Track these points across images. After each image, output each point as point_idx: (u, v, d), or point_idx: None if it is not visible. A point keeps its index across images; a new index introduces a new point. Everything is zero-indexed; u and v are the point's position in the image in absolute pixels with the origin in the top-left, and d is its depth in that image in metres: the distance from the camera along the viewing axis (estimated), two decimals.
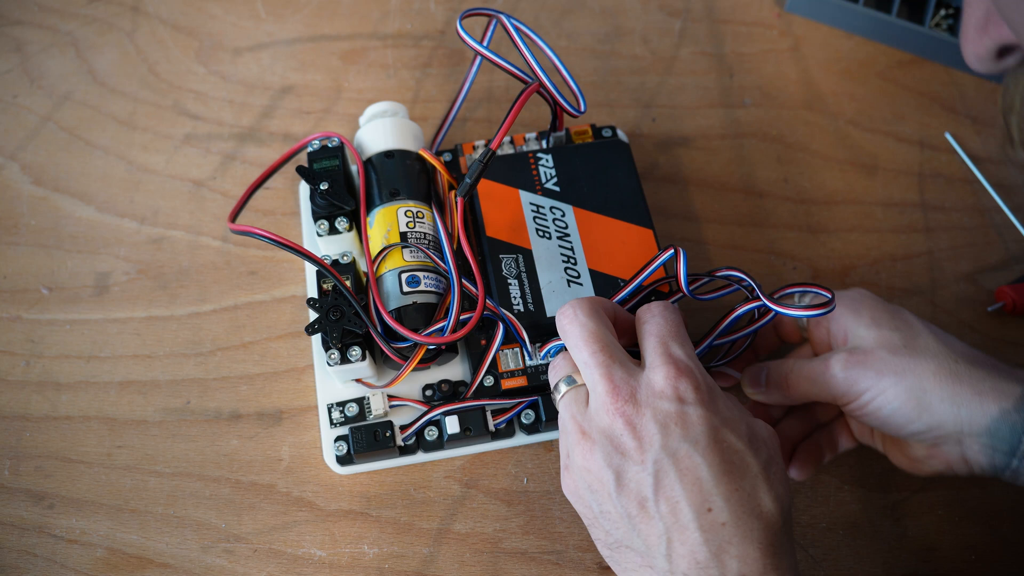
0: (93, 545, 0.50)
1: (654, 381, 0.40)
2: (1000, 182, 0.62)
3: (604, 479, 0.40)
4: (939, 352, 0.44)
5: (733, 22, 0.69)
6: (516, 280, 0.52)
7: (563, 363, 0.45)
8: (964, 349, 0.45)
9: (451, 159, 0.57)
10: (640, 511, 0.39)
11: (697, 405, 0.39)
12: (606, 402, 0.40)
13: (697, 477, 0.38)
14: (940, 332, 0.46)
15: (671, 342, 0.42)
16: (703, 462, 0.38)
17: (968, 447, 0.43)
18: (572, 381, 0.44)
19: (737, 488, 0.38)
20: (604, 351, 0.42)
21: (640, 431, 0.39)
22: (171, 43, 0.66)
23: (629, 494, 0.39)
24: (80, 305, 0.57)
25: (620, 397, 0.40)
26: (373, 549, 0.50)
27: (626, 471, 0.39)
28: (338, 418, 0.51)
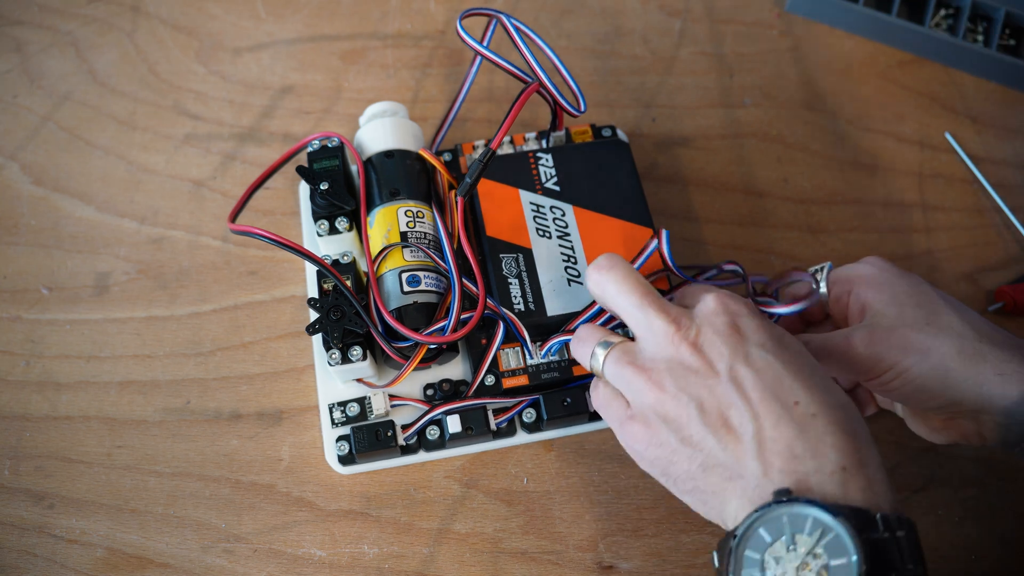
0: (93, 545, 0.50)
1: (706, 305, 0.41)
2: (1000, 182, 0.62)
3: (682, 404, 0.39)
4: (963, 331, 0.44)
5: (733, 22, 0.69)
6: (516, 279, 0.52)
7: (590, 333, 0.45)
8: (986, 327, 0.45)
9: (451, 159, 0.57)
10: (726, 420, 0.38)
11: (752, 316, 0.40)
12: (668, 333, 0.41)
13: (775, 374, 0.38)
14: (961, 306, 0.46)
15: (716, 290, 0.43)
16: (776, 360, 0.39)
17: (985, 423, 0.44)
18: (608, 344, 0.44)
19: (813, 383, 0.38)
20: (651, 294, 0.42)
21: (707, 349, 0.40)
22: (171, 43, 0.66)
23: (712, 409, 0.39)
24: (80, 305, 0.57)
25: (680, 325, 0.40)
26: (373, 549, 0.50)
27: (703, 389, 0.39)
28: (339, 418, 0.51)
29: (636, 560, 0.50)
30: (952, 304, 0.45)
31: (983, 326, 0.45)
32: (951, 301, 0.46)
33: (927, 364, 0.43)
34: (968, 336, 0.44)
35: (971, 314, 0.45)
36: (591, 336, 0.45)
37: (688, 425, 0.39)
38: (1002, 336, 0.44)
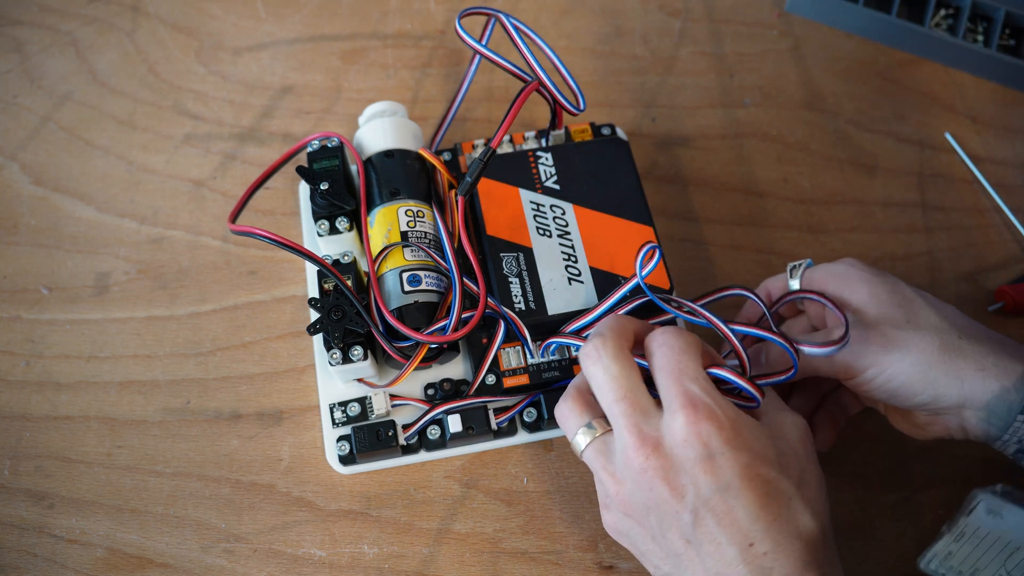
0: (93, 545, 0.50)
1: (675, 429, 0.40)
2: (1000, 182, 0.62)
3: (645, 523, 0.41)
4: (941, 327, 0.44)
5: (733, 22, 0.69)
6: (517, 278, 0.52)
7: (575, 408, 0.44)
8: (964, 322, 0.45)
9: (451, 158, 0.57)
10: (685, 549, 0.40)
11: (724, 447, 0.39)
12: (634, 456, 0.40)
13: (735, 519, 0.39)
14: (937, 303, 0.46)
15: (684, 378, 0.41)
16: (738, 503, 0.39)
17: (967, 419, 0.44)
18: (591, 429, 0.43)
19: (775, 517, 0.39)
20: (627, 399, 0.41)
21: (672, 481, 0.40)
22: (171, 43, 0.66)
23: (672, 536, 0.40)
24: (80, 305, 0.57)
25: (646, 450, 0.40)
26: (373, 549, 0.50)
27: (665, 516, 0.40)
28: (340, 418, 0.51)
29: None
30: (929, 301, 0.46)
31: (961, 321, 0.45)
32: (927, 298, 0.46)
33: (907, 362, 0.43)
34: (947, 332, 0.44)
35: (948, 309, 0.46)
36: (576, 415, 0.44)
37: (651, 541, 0.42)
38: (980, 330, 0.45)
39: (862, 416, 0.53)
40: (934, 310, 0.45)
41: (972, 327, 0.45)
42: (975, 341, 0.44)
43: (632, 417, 0.41)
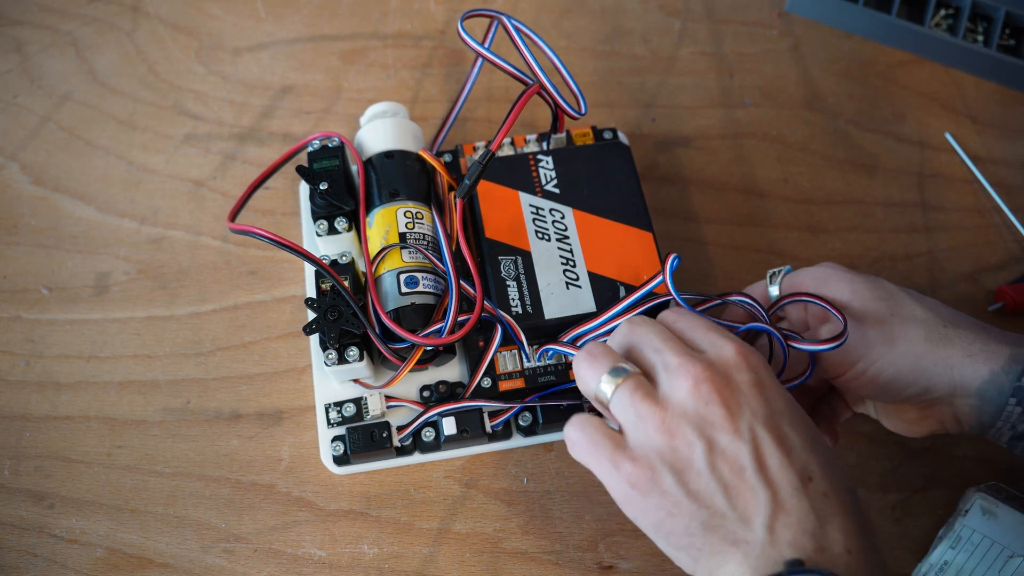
0: (93, 545, 0.50)
1: (725, 355, 0.39)
2: (1000, 182, 0.62)
3: (694, 454, 0.37)
4: (927, 318, 0.44)
5: (733, 22, 0.68)
6: (515, 282, 0.52)
7: (602, 353, 0.41)
8: (949, 312, 0.45)
9: (451, 160, 0.57)
10: (738, 480, 0.37)
11: (770, 379, 0.39)
12: (688, 370, 0.38)
13: (791, 446, 0.37)
14: (920, 296, 0.46)
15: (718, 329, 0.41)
16: (792, 432, 0.38)
17: (959, 407, 0.44)
18: (620, 372, 0.40)
19: (826, 460, 0.38)
20: (673, 339, 0.40)
21: (728, 400, 0.37)
22: (171, 43, 0.66)
23: (725, 463, 0.37)
24: (80, 305, 0.57)
25: (701, 364, 0.38)
26: (373, 549, 0.50)
27: (718, 441, 0.37)
28: (335, 418, 0.51)
29: (636, 560, 0.50)
30: (911, 294, 0.46)
31: (945, 311, 0.45)
32: (910, 292, 0.46)
33: (895, 353, 0.44)
34: (933, 322, 0.44)
35: (931, 302, 0.46)
36: (602, 358, 0.41)
37: (698, 477, 0.37)
38: (964, 319, 0.45)
39: (861, 418, 0.53)
40: (917, 303, 0.45)
41: (956, 316, 0.45)
42: (961, 328, 0.44)
43: (680, 346, 0.40)
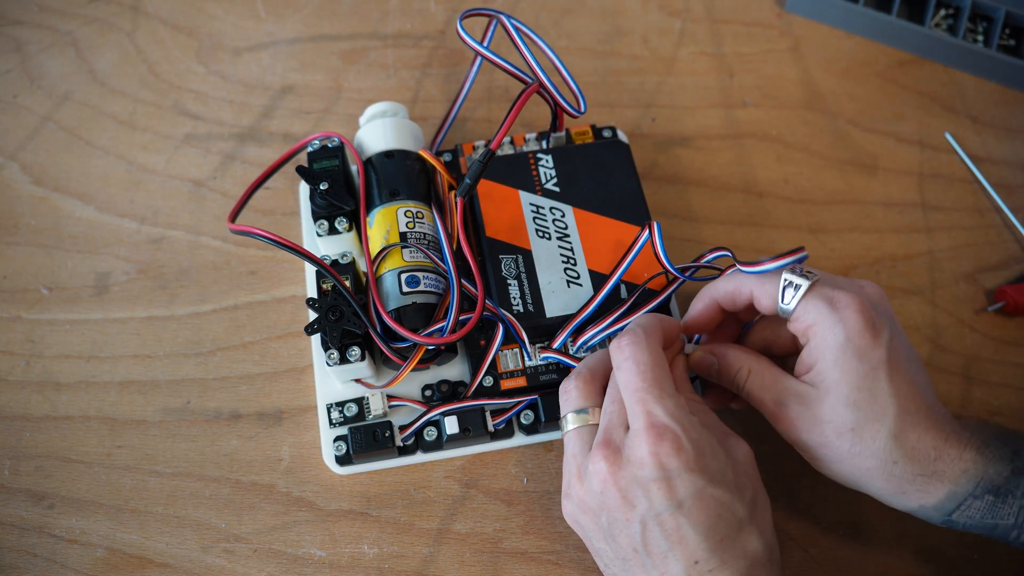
0: (93, 545, 0.50)
1: (636, 448, 0.40)
2: (1000, 182, 0.62)
3: (598, 521, 0.42)
4: (884, 448, 0.41)
5: (733, 22, 0.69)
6: (516, 280, 0.52)
7: (581, 388, 0.45)
8: (911, 417, 0.41)
9: (451, 159, 0.57)
10: (633, 556, 0.41)
11: (682, 470, 0.40)
12: (594, 456, 0.42)
13: (683, 536, 0.40)
14: (899, 380, 0.41)
15: (647, 397, 0.41)
16: (687, 522, 0.39)
17: None
18: (583, 414, 0.45)
19: (723, 538, 0.40)
20: (616, 401, 0.43)
21: (624, 491, 0.41)
22: (171, 43, 0.66)
23: (621, 542, 0.41)
24: (80, 305, 0.57)
25: (606, 453, 0.41)
26: (373, 549, 0.50)
27: (616, 522, 0.41)
28: (337, 418, 0.51)
29: None
30: (894, 377, 0.41)
31: (910, 416, 0.41)
32: (893, 370, 0.41)
33: (843, 466, 0.42)
34: (887, 455, 0.41)
35: (905, 388, 0.41)
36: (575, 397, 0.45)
37: (602, 541, 0.43)
38: (921, 445, 0.41)
39: None
40: (891, 420, 0.41)
41: (913, 443, 0.41)
42: (911, 461, 0.41)
43: (609, 422, 0.43)
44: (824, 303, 0.42)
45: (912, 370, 0.42)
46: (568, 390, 0.46)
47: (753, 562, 0.40)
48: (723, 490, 0.40)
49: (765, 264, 0.43)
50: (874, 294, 0.44)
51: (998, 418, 0.54)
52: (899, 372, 0.41)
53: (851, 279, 0.45)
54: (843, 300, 0.42)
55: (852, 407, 0.41)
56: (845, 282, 0.44)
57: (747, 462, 0.43)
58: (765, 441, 0.50)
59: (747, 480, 0.42)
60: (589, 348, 0.51)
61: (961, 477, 0.41)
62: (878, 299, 0.44)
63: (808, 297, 0.42)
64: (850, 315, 0.41)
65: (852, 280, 0.45)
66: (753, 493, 0.42)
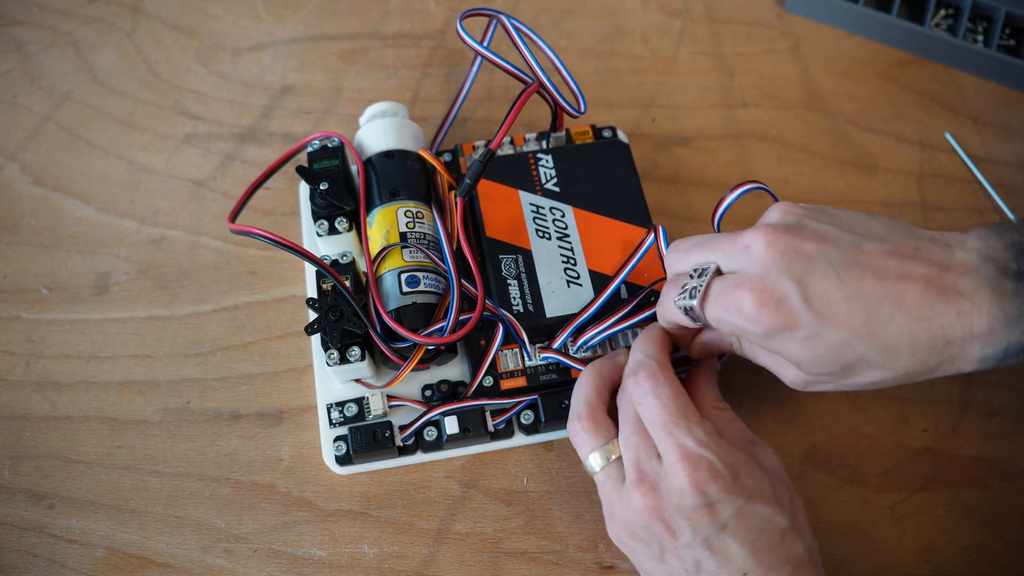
0: (93, 545, 0.50)
1: (674, 480, 0.41)
2: (1000, 182, 0.62)
3: (649, 549, 0.43)
4: (884, 370, 0.40)
5: (733, 22, 0.69)
6: (516, 280, 0.52)
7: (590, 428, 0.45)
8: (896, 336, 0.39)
9: (451, 159, 0.57)
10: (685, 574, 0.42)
11: (722, 494, 0.41)
12: (633, 492, 0.42)
13: (729, 554, 0.41)
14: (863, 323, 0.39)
15: (676, 430, 0.41)
16: (734, 541, 0.41)
17: None
18: (606, 450, 0.45)
19: (769, 550, 0.41)
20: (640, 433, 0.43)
21: (669, 522, 0.41)
22: (171, 43, 0.66)
23: (672, 562, 0.42)
24: (80, 305, 0.57)
25: (643, 488, 0.42)
26: (373, 549, 0.50)
27: (666, 550, 0.42)
28: (337, 418, 0.51)
29: None
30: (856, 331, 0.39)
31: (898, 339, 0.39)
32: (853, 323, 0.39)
33: (869, 388, 0.42)
34: (896, 376, 0.40)
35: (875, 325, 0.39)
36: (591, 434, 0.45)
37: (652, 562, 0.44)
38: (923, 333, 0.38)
39: (861, 418, 0.53)
40: (867, 353, 0.39)
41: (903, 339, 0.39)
42: (922, 362, 0.39)
43: (640, 453, 0.43)
44: (723, 312, 0.40)
45: (850, 277, 0.38)
46: (578, 432, 0.46)
47: (797, 565, 0.41)
48: (762, 504, 0.41)
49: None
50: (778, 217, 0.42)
51: (998, 418, 0.54)
52: (839, 309, 0.38)
53: (734, 235, 0.42)
54: (734, 300, 0.40)
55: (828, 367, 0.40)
56: (723, 257, 0.41)
57: (777, 468, 0.44)
58: (763, 440, 0.50)
59: (783, 488, 0.43)
60: (589, 348, 0.51)
61: (983, 351, 0.38)
62: (780, 227, 0.41)
63: (708, 313, 0.41)
64: (749, 311, 0.39)
65: (736, 237, 0.41)
66: (791, 499, 0.43)
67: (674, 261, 0.45)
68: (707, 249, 0.43)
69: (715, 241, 0.42)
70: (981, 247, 0.38)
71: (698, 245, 0.43)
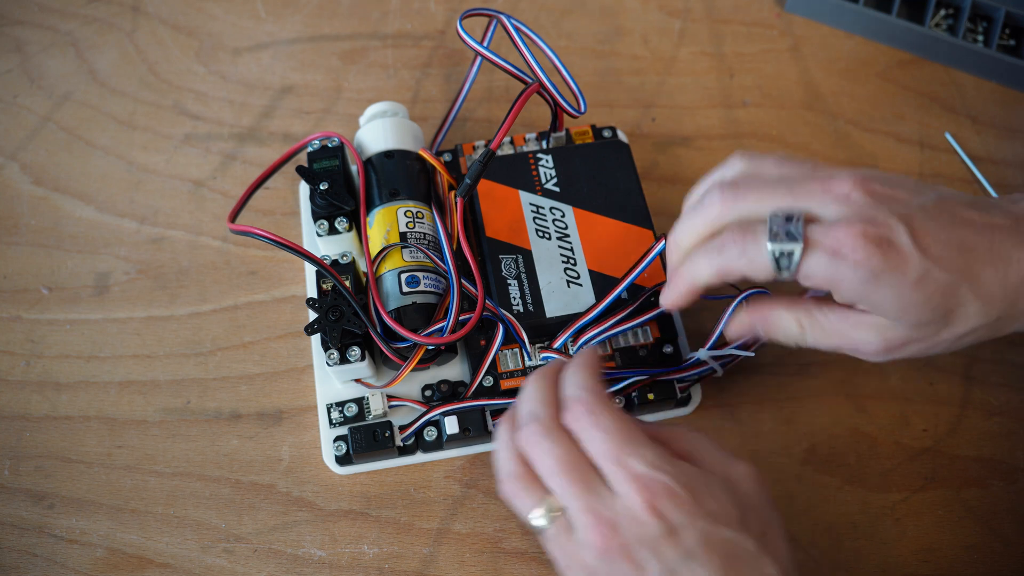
0: (93, 545, 0.50)
1: (633, 510, 0.39)
2: (1000, 182, 0.62)
3: None
4: (980, 317, 0.40)
5: (733, 22, 0.69)
6: (516, 281, 0.52)
7: (527, 486, 0.41)
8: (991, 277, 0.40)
9: (451, 159, 0.57)
10: None
11: (683, 518, 0.38)
12: (593, 539, 0.39)
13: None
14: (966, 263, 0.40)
15: (626, 458, 0.39)
16: (703, 570, 0.38)
17: None
18: (549, 506, 0.40)
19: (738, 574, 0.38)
20: (577, 481, 0.39)
21: (634, 558, 0.38)
22: (171, 43, 0.66)
23: None
24: (80, 305, 0.57)
25: (603, 530, 0.39)
26: (373, 549, 0.50)
27: None
28: (337, 418, 0.51)
29: None
30: (960, 273, 0.39)
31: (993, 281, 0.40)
32: (955, 264, 0.39)
33: (958, 344, 0.42)
34: (991, 323, 0.40)
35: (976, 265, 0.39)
36: (528, 493, 0.41)
37: None
38: (1015, 273, 0.40)
39: (861, 418, 0.53)
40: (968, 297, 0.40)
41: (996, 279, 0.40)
42: (1015, 305, 0.40)
43: (585, 499, 0.39)
44: (826, 257, 0.39)
45: (946, 222, 0.39)
46: (517, 493, 0.41)
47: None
48: (728, 529, 0.39)
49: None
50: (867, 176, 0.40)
51: (998, 418, 0.54)
52: (943, 249, 0.39)
53: (825, 183, 0.40)
54: (842, 242, 0.38)
55: (932, 313, 0.39)
56: (819, 205, 0.40)
57: (751, 488, 0.41)
58: (763, 440, 0.50)
59: (752, 512, 0.40)
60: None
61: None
62: (869, 178, 0.40)
63: (805, 260, 0.39)
64: (861, 252, 0.38)
65: (827, 183, 0.40)
66: (761, 522, 0.40)
67: (731, 203, 0.41)
68: (788, 193, 0.40)
69: (799, 185, 0.40)
70: None
71: (770, 187, 0.41)
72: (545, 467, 0.40)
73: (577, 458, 0.40)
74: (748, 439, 0.53)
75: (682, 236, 0.43)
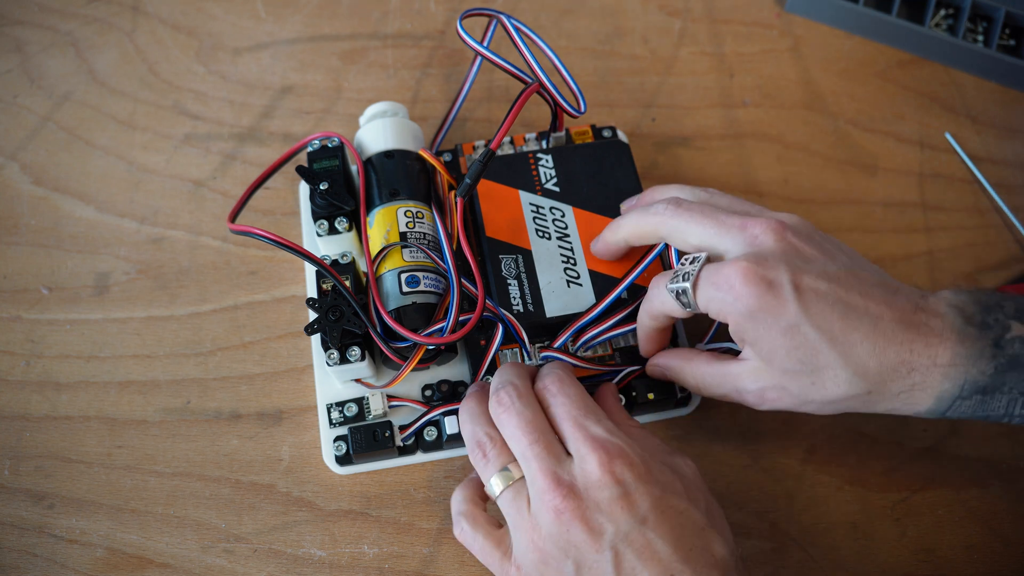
0: (93, 545, 0.50)
1: (589, 471, 0.41)
2: (1000, 182, 0.62)
3: (563, 570, 0.41)
4: (850, 385, 0.41)
5: (733, 22, 0.69)
6: (516, 280, 0.52)
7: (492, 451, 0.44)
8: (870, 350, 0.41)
9: (451, 159, 0.57)
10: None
11: (637, 482, 0.40)
12: (550, 499, 0.41)
13: (654, 551, 0.39)
14: (843, 331, 0.41)
15: (586, 422, 0.42)
16: (656, 536, 0.40)
17: None
18: (507, 473, 0.43)
19: (691, 547, 0.40)
20: (540, 442, 0.42)
21: (590, 522, 0.40)
22: (171, 43, 0.66)
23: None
24: (80, 305, 0.57)
25: (561, 491, 0.40)
26: (373, 549, 0.50)
27: (584, 560, 0.40)
28: (337, 418, 0.51)
29: None
30: (834, 339, 0.40)
31: (871, 356, 0.41)
32: (833, 328, 0.40)
33: (827, 409, 0.43)
34: (860, 392, 0.41)
35: (854, 334, 0.40)
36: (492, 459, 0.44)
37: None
38: (894, 354, 0.40)
39: (862, 418, 0.53)
40: (838, 361, 0.41)
41: (876, 351, 0.41)
42: (885, 383, 0.41)
43: (546, 461, 0.42)
44: (712, 289, 0.42)
45: (839, 287, 0.41)
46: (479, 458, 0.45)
47: (723, 569, 0.40)
48: (678, 498, 0.41)
49: None
50: (785, 223, 0.44)
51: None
52: (823, 309, 0.40)
53: (744, 222, 0.44)
54: (727, 277, 0.41)
55: (799, 365, 0.41)
56: (730, 242, 0.43)
57: (694, 477, 0.44)
58: (763, 440, 0.50)
59: (697, 490, 0.43)
60: (590, 348, 0.51)
61: (943, 383, 0.40)
62: (789, 227, 0.43)
63: (698, 294, 0.43)
64: (740, 288, 0.41)
65: (747, 223, 0.44)
66: (706, 503, 0.42)
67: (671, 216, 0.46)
68: (715, 224, 0.44)
69: (728, 219, 0.44)
70: (951, 299, 0.41)
71: (708, 216, 0.45)
72: (511, 427, 0.43)
73: (543, 424, 0.43)
74: (748, 439, 0.53)
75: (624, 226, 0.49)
